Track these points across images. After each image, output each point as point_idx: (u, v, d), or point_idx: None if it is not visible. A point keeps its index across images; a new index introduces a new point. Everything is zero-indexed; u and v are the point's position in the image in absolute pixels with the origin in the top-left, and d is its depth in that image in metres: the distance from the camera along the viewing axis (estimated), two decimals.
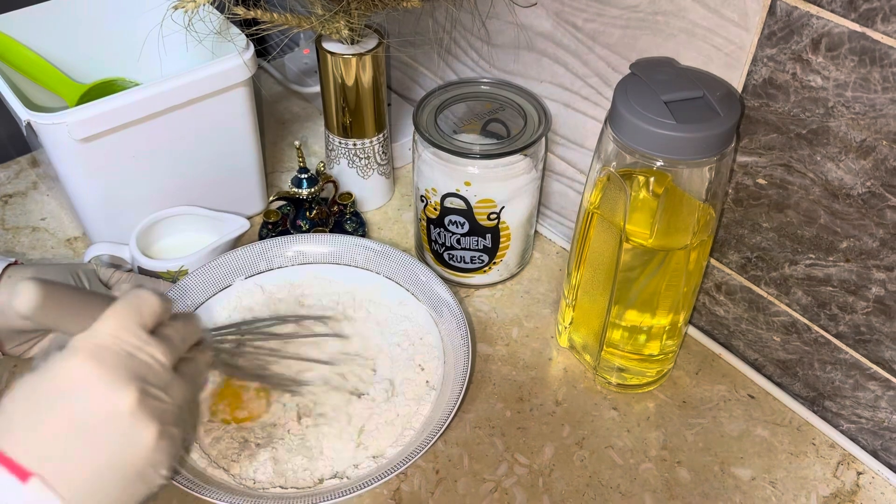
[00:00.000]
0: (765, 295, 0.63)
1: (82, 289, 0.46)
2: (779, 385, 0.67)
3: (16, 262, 0.60)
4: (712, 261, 0.66)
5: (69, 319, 0.43)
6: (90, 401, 0.40)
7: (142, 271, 0.69)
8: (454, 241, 0.71)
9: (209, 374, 0.57)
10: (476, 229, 0.69)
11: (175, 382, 0.44)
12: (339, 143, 0.78)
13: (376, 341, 0.68)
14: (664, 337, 0.63)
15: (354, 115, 0.75)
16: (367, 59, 0.71)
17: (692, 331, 0.71)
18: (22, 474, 0.38)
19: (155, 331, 0.44)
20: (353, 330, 0.68)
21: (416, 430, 0.60)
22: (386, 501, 0.58)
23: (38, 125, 0.63)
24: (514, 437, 0.63)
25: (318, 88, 0.79)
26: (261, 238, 0.77)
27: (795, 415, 0.65)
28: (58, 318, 0.43)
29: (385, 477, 0.54)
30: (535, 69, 0.72)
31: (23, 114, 0.63)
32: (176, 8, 0.63)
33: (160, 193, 0.73)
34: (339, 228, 0.78)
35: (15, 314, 0.41)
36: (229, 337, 0.59)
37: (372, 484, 0.54)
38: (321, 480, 0.58)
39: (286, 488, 0.57)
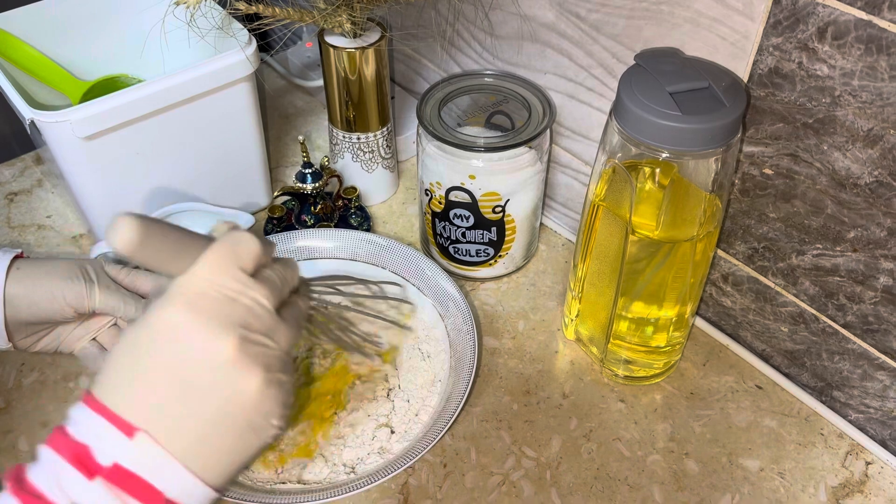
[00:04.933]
0: (772, 285, 0.63)
1: (178, 227, 0.43)
2: (786, 375, 0.67)
3: (21, 253, 0.60)
4: (719, 252, 0.66)
5: (168, 259, 0.40)
6: (189, 351, 0.38)
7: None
8: (459, 234, 0.71)
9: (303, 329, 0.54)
10: (481, 222, 0.69)
11: (280, 327, 0.42)
12: (343, 137, 0.78)
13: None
14: (671, 328, 0.63)
15: (358, 109, 0.75)
16: (370, 53, 0.71)
17: (699, 322, 0.71)
18: (128, 429, 0.37)
19: (256, 273, 0.42)
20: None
21: (424, 424, 0.60)
22: (394, 495, 0.59)
23: (41, 123, 0.63)
24: (521, 430, 0.63)
25: (321, 82, 0.79)
26: (266, 233, 0.77)
27: (803, 405, 0.65)
28: (157, 258, 0.40)
29: (393, 472, 0.54)
30: (538, 60, 0.72)
31: (26, 112, 0.63)
32: (178, 4, 0.63)
33: (165, 190, 0.73)
34: (343, 223, 0.78)
35: (116, 250, 0.38)
36: (319, 289, 0.58)
37: (380, 479, 0.54)
38: (329, 475, 0.58)
39: (294, 483, 0.57)
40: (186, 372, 0.38)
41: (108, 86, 0.79)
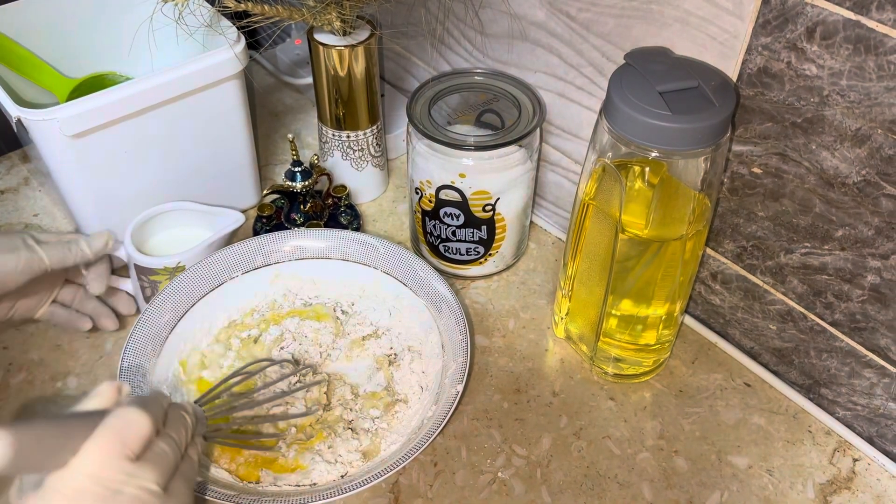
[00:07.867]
0: (760, 284, 0.64)
1: (58, 417, 0.42)
2: (775, 373, 0.67)
3: None
4: (708, 250, 0.66)
5: (47, 459, 0.38)
6: None
7: (138, 268, 0.69)
8: (449, 232, 0.71)
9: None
10: (471, 221, 0.69)
11: (168, 502, 0.41)
12: (333, 135, 0.77)
13: (375, 336, 0.68)
14: (660, 326, 0.63)
15: (348, 107, 0.75)
16: (360, 51, 0.71)
17: (688, 320, 0.71)
18: None
19: (146, 450, 0.41)
20: (353, 328, 0.68)
21: (416, 424, 0.60)
22: (384, 494, 0.58)
23: (28, 121, 0.62)
24: (511, 428, 0.63)
25: (310, 80, 0.78)
26: (255, 232, 0.77)
27: (791, 402, 0.65)
28: (34, 464, 0.38)
29: (386, 472, 0.54)
30: (529, 59, 0.72)
31: (13, 110, 0.63)
32: (166, 1, 0.63)
33: (153, 188, 0.72)
34: (333, 221, 0.77)
35: None
36: (217, 402, 0.57)
37: (372, 481, 0.54)
38: (320, 476, 0.58)
39: (288, 485, 0.57)
40: None
41: (95, 83, 0.79)
